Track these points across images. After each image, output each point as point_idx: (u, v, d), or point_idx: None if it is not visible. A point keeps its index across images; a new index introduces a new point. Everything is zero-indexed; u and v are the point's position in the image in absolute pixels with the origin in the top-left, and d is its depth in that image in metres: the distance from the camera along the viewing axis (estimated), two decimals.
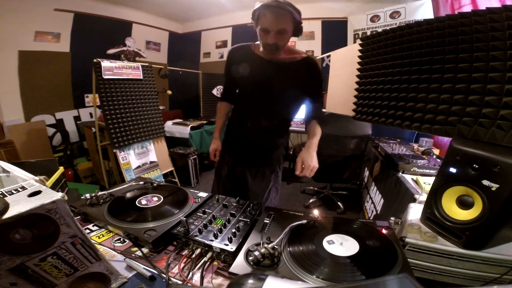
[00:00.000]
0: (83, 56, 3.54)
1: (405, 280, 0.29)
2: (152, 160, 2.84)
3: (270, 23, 0.96)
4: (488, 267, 0.72)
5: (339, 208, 2.64)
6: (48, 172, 1.37)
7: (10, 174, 0.89)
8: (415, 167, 1.56)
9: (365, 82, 1.39)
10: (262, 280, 0.37)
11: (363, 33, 3.55)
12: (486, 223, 0.68)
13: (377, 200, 1.93)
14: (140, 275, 0.61)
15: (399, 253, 0.61)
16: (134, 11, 4.30)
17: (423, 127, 0.97)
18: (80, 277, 0.52)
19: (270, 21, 0.95)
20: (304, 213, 0.82)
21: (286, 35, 1.01)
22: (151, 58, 4.65)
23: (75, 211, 0.87)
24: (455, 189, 0.77)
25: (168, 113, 4.54)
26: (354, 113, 1.47)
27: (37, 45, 3.21)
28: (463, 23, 0.84)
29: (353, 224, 0.76)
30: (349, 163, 2.48)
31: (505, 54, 0.74)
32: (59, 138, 3.43)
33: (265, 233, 0.72)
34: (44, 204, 0.41)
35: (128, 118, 2.60)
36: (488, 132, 0.75)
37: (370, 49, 1.33)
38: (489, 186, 0.67)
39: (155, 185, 1.05)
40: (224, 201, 0.90)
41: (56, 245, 0.46)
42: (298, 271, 0.56)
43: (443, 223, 0.77)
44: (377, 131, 2.53)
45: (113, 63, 2.46)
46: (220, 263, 0.67)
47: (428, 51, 0.97)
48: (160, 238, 0.71)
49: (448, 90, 0.89)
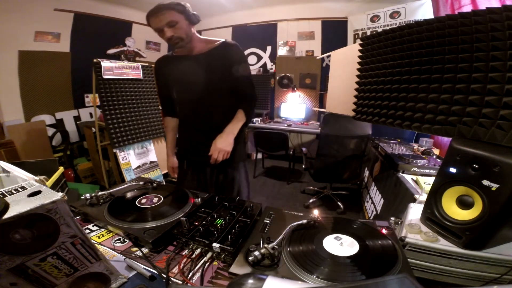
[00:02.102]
0: (83, 56, 3.54)
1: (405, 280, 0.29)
2: (152, 160, 2.84)
3: (156, 23, 1.06)
4: (488, 267, 0.72)
5: (339, 208, 2.64)
6: (48, 172, 1.37)
7: (10, 174, 0.89)
8: (415, 167, 1.56)
9: (365, 82, 1.39)
10: (262, 280, 0.37)
11: (363, 33, 3.55)
12: (486, 223, 0.68)
13: (377, 200, 1.93)
14: (140, 275, 0.61)
15: (399, 253, 0.61)
16: (134, 11, 4.29)
17: (423, 127, 0.97)
18: (80, 277, 0.52)
19: (155, 22, 1.06)
20: (304, 213, 0.82)
21: (179, 25, 1.07)
22: (151, 58, 4.64)
23: (75, 211, 0.87)
24: (455, 189, 0.77)
25: None
26: (354, 113, 1.47)
27: (37, 45, 3.21)
28: (463, 23, 0.84)
29: (353, 224, 0.76)
30: (349, 163, 2.48)
31: (505, 54, 0.74)
32: (59, 138, 3.43)
33: (265, 233, 0.72)
34: (44, 204, 0.41)
35: (128, 118, 2.60)
36: (488, 132, 0.75)
37: (370, 49, 1.33)
38: (489, 186, 0.67)
39: (155, 185, 1.05)
40: (224, 201, 0.90)
41: (56, 245, 0.46)
42: (298, 271, 0.56)
43: (443, 223, 0.77)
44: (377, 131, 2.53)
45: (113, 63, 2.46)
46: (220, 263, 0.67)
47: (428, 51, 0.97)
48: (160, 238, 0.71)
49: (448, 90, 0.89)
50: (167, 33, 1.06)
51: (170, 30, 1.06)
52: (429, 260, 0.77)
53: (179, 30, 1.07)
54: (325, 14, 3.93)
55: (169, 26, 1.05)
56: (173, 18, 1.05)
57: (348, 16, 3.70)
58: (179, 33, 1.08)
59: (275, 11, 4.24)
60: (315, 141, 3.98)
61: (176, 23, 1.06)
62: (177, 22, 1.06)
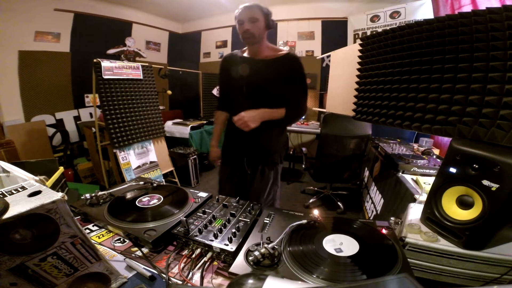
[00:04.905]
0: (83, 56, 3.54)
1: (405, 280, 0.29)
2: (152, 160, 2.84)
3: (242, 14, 1.21)
4: (488, 267, 0.72)
5: (339, 208, 2.64)
6: (48, 172, 1.37)
7: (10, 174, 0.89)
8: (415, 167, 1.56)
9: (365, 82, 1.39)
10: (262, 280, 0.37)
11: (363, 33, 3.55)
12: (486, 223, 0.68)
13: (377, 200, 1.93)
14: (140, 275, 0.61)
15: (399, 253, 0.61)
16: (134, 11, 4.30)
17: (423, 127, 0.97)
18: (80, 277, 0.52)
19: (242, 13, 1.21)
20: (304, 213, 0.82)
21: (258, 24, 1.21)
22: (151, 58, 4.65)
23: (75, 211, 0.87)
24: (455, 189, 0.77)
25: (168, 113, 4.54)
26: (354, 113, 1.47)
27: (37, 45, 3.21)
28: (463, 23, 0.84)
29: (353, 224, 0.76)
30: (349, 163, 2.48)
31: (505, 54, 0.74)
32: (59, 138, 3.43)
33: (265, 233, 0.72)
34: (44, 204, 0.41)
35: (128, 118, 2.60)
36: (488, 132, 0.75)
37: (370, 49, 1.33)
38: (489, 186, 0.67)
39: (155, 185, 1.05)
40: (224, 201, 0.90)
41: (56, 245, 0.46)
42: (298, 271, 0.56)
43: (443, 223, 0.77)
44: (377, 131, 2.53)
45: (113, 63, 2.46)
46: (220, 263, 0.67)
47: (428, 51, 0.97)
48: (160, 238, 0.71)
49: (448, 90, 0.89)
50: (245, 26, 1.20)
51: (249, 24, 1.20)
52: (429, 260, 0.77)
53: (256, 28, 1.21)
54: (325, 14, 3.94)
55: (250, 21, 1.20)
56: (256, 15, 1.20)
57: (348, 16, 3.70)
58: (254, 29, 1.21)
59: (275, 11, 4.21)
60: (315, 141, 3.98)
61: (256, 20, 1.20)
62: (258, 20, 1.21)
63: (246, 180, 1.38)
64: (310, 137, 4.23)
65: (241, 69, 1.29)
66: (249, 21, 1.19)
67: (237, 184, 1.41)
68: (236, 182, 1.41)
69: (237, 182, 1.41)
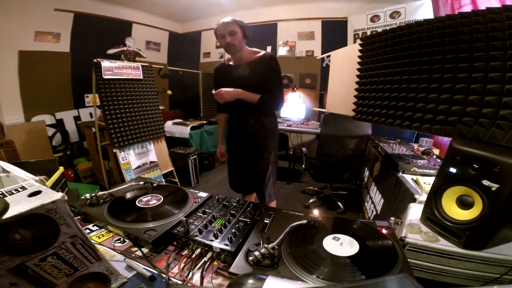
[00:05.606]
0: (83, 56, 3.54)
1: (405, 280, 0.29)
2: (152, 160, 2.84)
3: (221, 29, 1.41)
4: (488, 267, 0.72)
5: (339, 208, 2.64)
6: (48, 172, 1.37)
7: (10, 174, 0.89)
8: (415, 167, 1.56)
9: (365, 82, 1.39)
10: (262, 280, 0.37)
11: (363, 33, 3.55)
12: (486, 223, 0.68)
13: (377, 200, 1.93)
14: (140, 275, 0.61)
15: (399, 253, 0.61)
16: (134, 11, 4.29)
17: (423, 127, 0.97)
18: (80, 277, 0.52)
19: (221, 28, 1.41)
20: (304, 213, 0.82)
21: (237, 36, 1.41)
22: (151, 58, 4.65)
23: (75, 211, 0.87)
24: (455, 189, 0.77)
25: (168, 113, 4.54)
26: (354, 113, 1.47)
27: (37, 45, 3.21)
28: (463, 23, 0.84)
29: (353, 224, 0.76)
30: (349, 163, 2.48)
31: (505, 54, 0.74)
32: (59, 138, 3.42)
33: (265, 233, 0.72)
34: (44, 204, 0.41)
35: (128, 118, 2.60)
36: (488, 132, 0.75)
37: (370, 49, 1.33)
38: (489, 186, 0.67)
39: (155, 185, 1.05)
40: (224, 201, 0.90)
41: (56, 245, 0.46)
42: (298, 271, 0.56)
43: (443, 223, 0.77)
44: (377, 131, 2.53)
45: (113, 63, 2.45)
46: (220, 263, 0.67)
47: (428, 51, 0.97)
48: (160, 238, 0.71)
49: (448, 90, 0.89)
50: (227, 39, 1.40)
51: (229, 37, 1.39)
52: (429, 260, 0.77)
53: (235, 39, 1.41)
54: (325, 14, 3.93)
55: (230, 34, 1.39)
56: (234, 29, 1.40)
57: (348, 16, 3.70)
58: (235, 41, 1.41)
59: (275, 11, 4.24)
60: (315, 141, 3.98)
61: (235, 33, 1.40)
62: (236, 32, 1.40)
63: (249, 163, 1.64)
64: (310, 137, 4.22)
65: (230, 75, 1.53)
66: (229, 35, 1.39)
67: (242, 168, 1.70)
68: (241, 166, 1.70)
69: (242, 166, 1.70)
